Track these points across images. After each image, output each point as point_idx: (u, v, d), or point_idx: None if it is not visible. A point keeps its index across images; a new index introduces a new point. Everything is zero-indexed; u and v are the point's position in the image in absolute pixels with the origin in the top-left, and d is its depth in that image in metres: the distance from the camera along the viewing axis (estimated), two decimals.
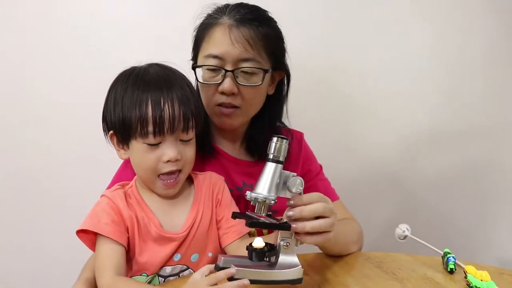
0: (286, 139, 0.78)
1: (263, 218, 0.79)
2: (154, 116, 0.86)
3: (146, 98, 0.86)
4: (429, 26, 1.79)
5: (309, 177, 1.19)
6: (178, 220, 0.95)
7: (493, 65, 1.91)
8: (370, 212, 1.34)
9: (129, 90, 0.89)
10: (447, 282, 0.92)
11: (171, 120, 0.86)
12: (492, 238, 1.92)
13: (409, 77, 1.80)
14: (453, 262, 0.96)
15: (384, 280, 0.93)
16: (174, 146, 0.89)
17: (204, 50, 1.04)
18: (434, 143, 1.87)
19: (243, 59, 1.01)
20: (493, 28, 1.88)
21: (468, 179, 1.92)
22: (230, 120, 1.07)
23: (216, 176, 1.04)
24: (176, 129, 0.88)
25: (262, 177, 0.79)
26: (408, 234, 1.16)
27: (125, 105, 0.88)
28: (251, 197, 0.78)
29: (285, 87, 1.15)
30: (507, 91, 1.95)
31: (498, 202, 1.99)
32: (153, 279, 0.93)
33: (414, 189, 1.86)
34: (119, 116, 0.89)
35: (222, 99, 1.04)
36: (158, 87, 0.88)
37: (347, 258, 1.05)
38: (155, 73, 0.91)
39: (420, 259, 1.04)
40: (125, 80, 0.92)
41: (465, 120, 1.90)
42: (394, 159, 1.82)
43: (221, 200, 1.00)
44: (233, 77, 1.02)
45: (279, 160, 0.78)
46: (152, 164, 0.89)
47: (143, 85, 0.88)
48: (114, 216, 0.89)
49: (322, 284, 0.91)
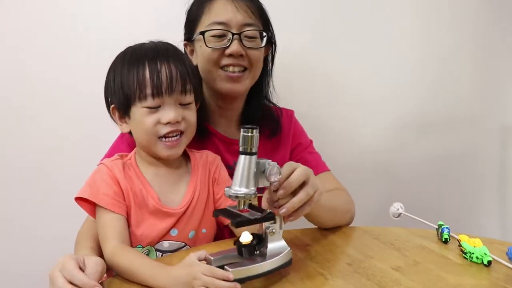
0: (256, 128, 0.76)
1: (245, 213, 0.78)
2: (152, 77, 0.89)
3: (143, 63, 0.90)
4: (419, 19, 1.85)
5: (299, 150, 1.24)
6: (175, 196, 0.97)
7: (479, 58, 1.99)
8: (362, 196, 1.38)
9: (127, 62, 0.93)
10: (442, 250, 0.97)
11: (169, 81, 0.90)
12: (475, 220, 2.00)
13: (399, 69, 1.86)
14: (447, 233, 1.01)
15: (383, 249, 0.98)
16: (174, 109, 0.92)
17: (206, 21, 1.09)
18: (421, 131, 1.94)
19: (247, 23, 1.09)
20: (481, 22, 1.96)
21: (452, 165, 2.00)
22: (238, 84, 1.11)
23: (212, 155, 1.07)
24: (174, 90, 0.90)
25: (238, 172, 0.77)
26: (402, 212, 1.20)
27: (124, 74, 0.92)
28: (230, 194, 0.76)
29: (269, 62, 1.22)
30: (491, 84, 2.03)
31: (480, 187, 2.08)
32: (149, 252, 0.94)
33: (402, 174, 1.92)
34: (119, 85, 0.92)
35: (230, 61, 1.08)
36: (155, 53, 0.92)
37: (346, 231, 1.10)
38: (152, 45, 0.96)
39: (415, 232, 1.09)
40: (122, 56, 0.96)
41: (451, 110, 1.97)
42: (383, 146, 1.88)
43: (218, 179, 1.02)
44: (239, 40, 1.08)
45: (252, 151, 0.77)
46: (152, 126, 0.91)
47: (140, 55, 0.92)
48: (113, 186, 0.91)
49: (324, 254, 0.95)
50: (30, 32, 1.39)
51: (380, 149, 1.86)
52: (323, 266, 0.88)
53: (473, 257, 0.90)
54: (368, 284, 0.80)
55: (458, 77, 1.97)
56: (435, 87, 1.93)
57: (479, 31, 1.96)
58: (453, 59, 1.94)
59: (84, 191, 0.91)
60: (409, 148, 1.91)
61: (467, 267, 0.88)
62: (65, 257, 0.74)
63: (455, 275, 0.84)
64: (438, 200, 1.96)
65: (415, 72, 1.89)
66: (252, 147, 0.76)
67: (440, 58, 1.91)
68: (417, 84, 1.89)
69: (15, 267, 1.46)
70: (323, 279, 0.82)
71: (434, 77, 1.92)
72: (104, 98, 0.99)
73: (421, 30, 1.86)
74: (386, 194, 1.85)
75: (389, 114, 1.88)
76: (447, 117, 1.97)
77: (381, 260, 0.91)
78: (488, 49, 1.98)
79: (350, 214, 1.15)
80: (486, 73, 2.02)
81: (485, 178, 2.09)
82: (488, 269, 0.86)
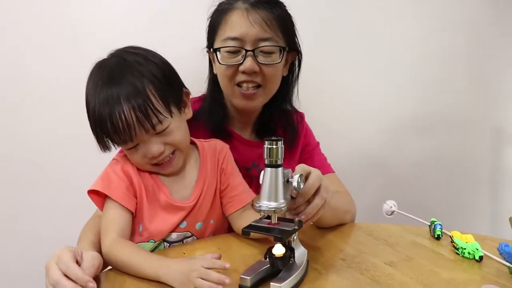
0: (280, 140, 0.76)
1: (277, 226, 0.78)
2: (111, 130, 0.85)
3: (100, 113, 0.85)
4: (416, 21, 1.87)
5: (307, 150, 1.25)
6: (186, 189, 0.98)
7: (475, 60, 2.02)
8: (355, 194, 1.40)
9: (89, 94, 0.88)
10: (434, 246, 0.98)
11: (127, 130, 0.85)
12: (467, 220, 2.01)
13: (395, 71, 1.88)
14: (440, 229, 1.02)
15: (376, 245, 0.98)
16: (153, 142, 0.89)
17: (222, 35, 1.06)
18: (416, 132, 1.96)
19: (262, 38, 1.03)
20: (477, 25, 1.98)
21: (446, 165, 2.02)
22: (252, 101, 1.09)
23: (221, 144, 1.06)
24: (136, 135, 0.86)
25: (265, 185, 0.76)
26: (395, 210, 1.21)
27: (90, 112, 0.88)
28: (262, 210, 0.75)
29: (296, 68, 1.19)
30: (486, 86, 2.06)
31: (473, 187, 2.11)
32: (159, 244, 0.95)
33: (396, 174, 1.94)
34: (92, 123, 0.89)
35: (243, 78, 1.06)
36: (109, 92, 0.84)
37: (340, 228, 1.10)
38: (107, 70, 0.88)
39: (408, 228, 1.10)
40: (90, 75, 0.91)
41: (445, 112, 2.00)
42: (379, 145, 1.89)
43: (225, 169, 1.02)
44: (253, 56, 1.04)
45: (277, 163, 0.76)
46: (141, 162, 0.92)
47: (98, 88, 0.86)
48: (125, 181, 0.91)
49: (317, 249, 0.95)
50: (30, 32, 1.38)
51: (376, 149, 1.88)
52: (317, 261, 0.88)
53: (465, 252, 0.91)
54: (361, 278, 0.81)
55: (453, 80, 2.00)
56: (430, 90, 1.95)
57: (475, 34, 1.99)
58: (449, 61, 1.97)
59: (96, 184, 0.92)
60: (404, 148, 1.93)
61: (459, 263, 0.89)
62: (62, 249, 0.74)
63: (448, 270, 0.85)
64: (432, 200, 1.98)
65: (411, 74, 1.91)
66: (278, 159, 0.75)
67: (435, 61, 1.94)
68: (412, 86, 1.92)
69: (16, 267, 1.45)
70: (317, 273, 0.83)
71: (429, 80, 1.95)
72: None
73: (418, 32, 1.88)
74: (380, 193, 1.86)
75: (385, 115, 1.90)
76: (442, 119, 1.99)
77: (374, 256, 0.91)
78: (483, 52, 2.01)
79: (350, 214, 1.16)
80: (480, 75, 2.05)
81: (478, 178, 2.12)
82: (479, 264, 0.87)
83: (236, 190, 1.01)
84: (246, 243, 0.98)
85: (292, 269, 0.77)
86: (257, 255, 0.91)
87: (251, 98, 1.09)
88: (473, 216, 2.08)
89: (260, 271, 0.77)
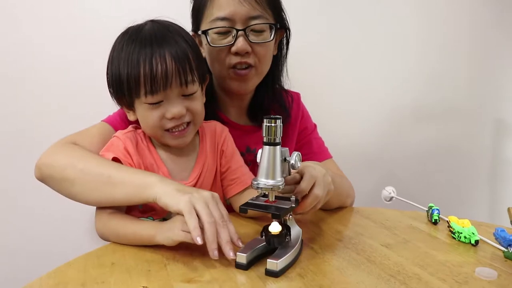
0: (279, 118, 0.75)
1: (274, 204, 0.79)
2: (147, 76, 0.84)
3: (138, 58, 0.85)
4: (416, 14, 1.87)
5: (305, 134, 1.24)
6: (185, 169, 0.97)
7: (476, 52, 2.01)
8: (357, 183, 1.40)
9: (125, 50, 0.88)
10: (431, 231, 0.99)
11: (164, 78, 0.85)
12: (465, 209, 2.02)
13: (396, 63, 1.89)
14: (437, 214, 1.03)
15: (373, 228, 0.99)
16: (177, 102, 0.88)
17: (209, 15, 1.02)
18: (416, 123, 1.96)
19: (252, 16, 1.01)
20: (478, 16, 1.97)
21: (446, 155, 2.02)
22: (245, 83, 1.07)
23: (221, 126, 1.05)
24: (171, 86, 0.86)
25: (263, 163, 0.76)
26: (394, 196, 1.22)
27: (120, 65, 0.88)
28: (260, 187, 0.76)
29: (284, 46, 1.17)
30: (486, 77, 2.06)
31: (472, 178, 2.11)
32: None
33: (396, 163, 1.94)
34: (116, 79, 0.89)
35: (236, 59, 1.03)
36: (150, 45, 0.86)
37: (338, 211, 1.11)
38: (149, 30, 0.89)
39: (406, 213, 1.10)
40: (118, 43, 0.91)
41: (446, 103, 2.00)
42: (380, 135, 1.90)
43: (225, 151, 1.02)
44: (245, 36, 1.01)
45: (276, 142, 0.76)
46: (156, 122, 0.89)
47: (138, 44, 0.87)
48: (128, 158, 0.91)
49: (314, 230, 0.96)
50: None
51: (376, 139, 1.89)
52: (313, 241, 0.89)
53: (461, 236, 0.91)
54: (357, 258, 0.82)
55: (454, 71, 2.00)
56: (431, 81, 1.96)
57: (476, 25, 1.99)
58: (450, 53, 1.97)
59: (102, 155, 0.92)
60: (404, 139, 1.94)
61: (455, 246, 0.89)
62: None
63: (443, 252, 0.85)
64: (431, 190, 1.99)
65: (412, 66, 1.92)
66: (276, 137, 0.76)
67: (436, 52, 1.94)
68: (413, 77, 1.92)
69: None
70: (313, 252, 0.84)
71: (430, 71, 1.95)
72: (107, 86, 0.95)
73: (418, 24, 1.88)
74: (379, 184, 1.86)
75: (386, 105, 1.90)
76: (442, 109, 2.00)
77: (371, 238, 0.92)
78: (484, 44, 2.01)
79: (351, 199, 1.17)
80: (481, 67, 2.04)
81: (478, 169, 2.12)
82: (475, 248, 0.88)
83: (237, 172, 1.01)
84: (245, 222, 0.99)
85: (288, 247, 0.78)
86: (255, 234, 0.91)
87: (244, 80, 1.06)
88: (472, 207, 2.09)
89: (256, 249, 0.77)
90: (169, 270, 0.75)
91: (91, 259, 0.80)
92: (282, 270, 0.73)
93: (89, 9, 1.44)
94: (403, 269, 0.77)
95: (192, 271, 0.74)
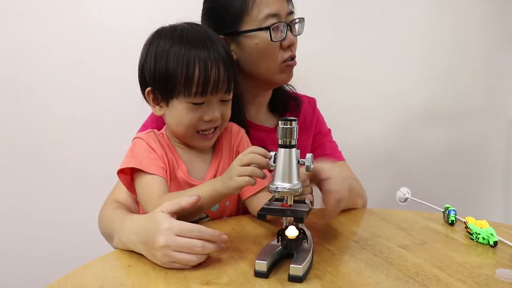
0: (295, 120, 0.74)
1: (291, 207, 0.78)
2: (201, 77, 0.86)
3: (194, 58, 0.87)
4: (427, 15, 1.86)
5: (319, 138, 1.25)
6: (201, 169, 0.99)
7: (487, 52, 2.00)
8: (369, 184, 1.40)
9: (175, 47, 0.88)
10: (448, 232, 0.98)
11: (216, 82, 0.88)
12: (480, 210, 2.00)
13: (408, 64, 1.88)
14: (454, 215, 1.02)
15: (389, 229, 0.98)
16: (217, 107, 0.92)
17: (257, 14, 1.04)
18: (429, 123, 1.95)
19: (290, 12, 1.07)
20: (488, 17, 1.96)
21: (459, 156, 2.01)
22: (292, 73, 1.12)
23: (237, 127, 1.06)
24: (219, 91, 0.90)
25: (279, 166, 0.75)
26: (409, 197, 1.21)
27: (170, 61, 0.88)
28: (278, 192, 0.75)
29: None
30: (498, 78, 2.04)
31: (486, 178, 2.09)
32: None
33: (409, 163, 1.93)
34: (162, 72, 0.89)
35: (288, 53, 1.08)
36: (205, 47, 0.88)
37: (353, 212, 1.10)
38: (197, 31, 0.91)
39: (422, 214, 1.09)
40: (168, 35, 0.91)
41: (458, 103, 1.99)
42: (393, 136, 1.89)
43: (241, 152, 1.02)
44: (290, 30, 1.07)
45: (292, 144, 0.75)
46: (193, 122, 0.91)
47: (189, 43, 0.88)
48: (153, 153, 0.92)
49: (331, 232, 0.96)
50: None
51: (389, 140, 1.88)
52: (330, 243, 0.88)
53: (479, 237, 0.90)
54: (375, 259, 0.81)
55: (466, 71, 1.98)
56: (443, 81, 1.95)
57: (487, 25, 1.97)
58: (461, 53, 1.96)
59: (127, 163, 0.91)
60: (417, 139, 1.93)
61: (473, 247, 0.88)
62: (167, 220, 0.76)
63: (462, 253, 0.84)
64: (445, 191, 1.97)
65: (424, 66, 1.91)
66: (292, 139, 0.75)
67: (448, 53, 1.93)
68: (425, 78, 1.91)
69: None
70: (330, 254, 0.83)
71: (442, 72, 1.94)
72: (139, 75, 0.95)
73: (430, 25, 1.88)
74: (392, 185, 1.86)
75: (399, 106, 1.89)
76: (454, 110, 1.99)
77: (387, 239, 0.91)
78: (495, 44, 1.99)
79: (362, 199, 1.17)
80: (493, 67, 2.03)
81: (491, 169, 2.10)
82: (494, 250, 0.87)
83: None
84: (259, 224, 0.98)
85: (305, 251, 0.77)
86: (270, 236, 0.91)
87: (291, 71, 1.11)
88: (486, 208, 2.07)
89: (273, 254, 0.76)
90: (187, 272, 0.75)
91: (108, 261, 0.80)
92: (305, 275, 0.72)
93: (89, 10, 1.44)
94: (422, 271, 0.76)
95: (210, 273, 0.74)
